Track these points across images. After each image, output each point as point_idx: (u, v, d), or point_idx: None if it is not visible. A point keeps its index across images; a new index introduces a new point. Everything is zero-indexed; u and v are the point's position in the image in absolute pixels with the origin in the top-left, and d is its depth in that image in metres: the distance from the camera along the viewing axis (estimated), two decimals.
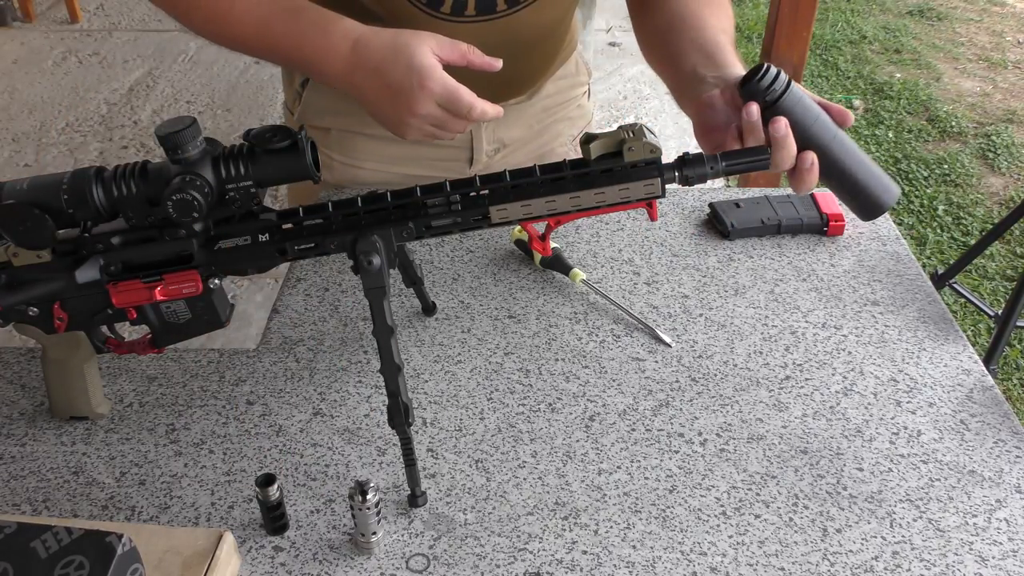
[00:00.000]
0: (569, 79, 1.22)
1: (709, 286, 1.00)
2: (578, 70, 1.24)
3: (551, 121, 1.22)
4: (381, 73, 0.83)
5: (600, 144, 0.70)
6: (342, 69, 0.85)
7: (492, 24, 0.99)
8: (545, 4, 1.01)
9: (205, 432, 0.83)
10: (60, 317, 0.75)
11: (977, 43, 4.16)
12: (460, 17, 0.98)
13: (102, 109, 3.38)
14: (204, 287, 0.73)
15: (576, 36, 1.22)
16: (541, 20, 1.04)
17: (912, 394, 0.86)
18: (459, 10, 0.97)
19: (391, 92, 0.84)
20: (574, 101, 1.24)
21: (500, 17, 0.99)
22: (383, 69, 0.83)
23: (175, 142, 0.65)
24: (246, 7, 0.87)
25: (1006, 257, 2.79)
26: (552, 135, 1.23)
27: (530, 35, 1.06)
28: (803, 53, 2.31)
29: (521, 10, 0.99)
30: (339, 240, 0.72)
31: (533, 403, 0.85)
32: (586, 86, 1.27)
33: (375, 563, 0.71)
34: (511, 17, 0.99)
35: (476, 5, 0.97)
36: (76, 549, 0.58)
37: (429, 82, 0.82)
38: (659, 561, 0.71)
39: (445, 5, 0.96)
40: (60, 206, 0.67)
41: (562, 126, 1.24)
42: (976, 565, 0.70)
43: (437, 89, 0.82)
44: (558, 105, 1.21)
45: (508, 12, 0.99)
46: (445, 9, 0.96)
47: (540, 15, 1.02)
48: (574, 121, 1.25)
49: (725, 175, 0.72)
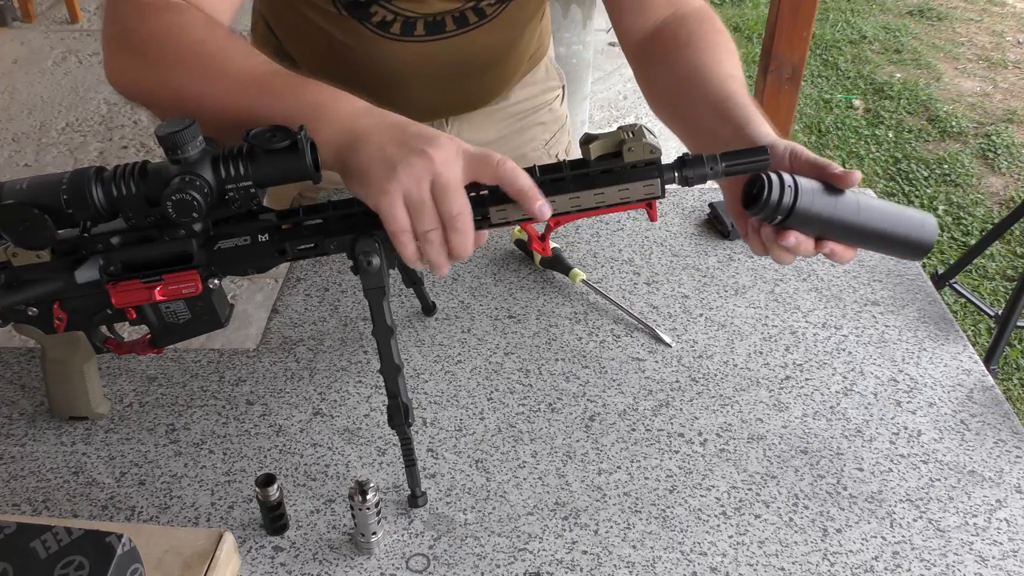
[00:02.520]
0: (539, 85, 1.22)
1: (709, 286, 1.00)
2: (548, 75, 1.24)
3: (522, 126, 1.22)
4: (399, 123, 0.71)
5: (600, 144, 0.69)
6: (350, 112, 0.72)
7: (442, 44, 1.00)
8: (497, 25, 1.01)
9: (205, 432, 0.83)
10: (59, 317, 0.75)
11: (977, 43, 4.16)
12: (410, 38, 0.98)
13: (102, 109, 3.38)
14: (204, 287, 0.73)
15: (547, 42, 1.22)
16: (493, 40, 1.04)
17: (912, 394, 0.86)
18: (408, 31, 0.97)
19: (406, 135, 0.69)
20: (545, 106, 1.24)
21: (450, 37, 0.99)
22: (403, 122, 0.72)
23: (175, 142, 0.65)
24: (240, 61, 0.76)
25: (1006, 257, 2.79)
26: (525, 139, 1.23)
27: (483, 54, 1.06)
28: (803, 53, 2.31)
29: (471, 31, 0.99)
30: (339, 240, 0.72)
31: (533, 403, 0.85)
32: (558, 91, 1.27)
33: (375, 563, 0.71)
34: (462, 37, 1.00)
35: (425, 27, 0.97)
36: (76, 549, 0.57)
37: (456, 139, 0.70)
38: (659, 561, 0.71)
39: (395, 26, 0.97)
40: (59, 206, 0.67)
41: (535, 131, 1.24)
42: (976, 565, 0.70)
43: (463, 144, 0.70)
44: (529, 110, 1.21)
45: (458, 32, 0.99)
46: (395, 30, 0.97)
47: (492, 35, 1.02)
48: (547, 126, 1.25)
49: (725, 176, 0.71)
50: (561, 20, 2.40)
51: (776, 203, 0.69)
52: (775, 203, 0.69)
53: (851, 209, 0.71)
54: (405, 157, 0.67)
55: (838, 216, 0.71)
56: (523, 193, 0.68)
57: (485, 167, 0.68)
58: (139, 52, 0.77)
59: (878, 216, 0.72)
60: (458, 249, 0.69)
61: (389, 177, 0.67)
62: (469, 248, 0.69)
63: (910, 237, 0.73)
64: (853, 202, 0.72)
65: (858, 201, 0.72)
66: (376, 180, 0.67)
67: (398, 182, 0.67)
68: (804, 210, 0.70)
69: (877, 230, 0.72)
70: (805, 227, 0.71)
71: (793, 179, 0.70)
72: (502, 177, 0.68)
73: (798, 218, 0.70)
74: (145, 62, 0.77)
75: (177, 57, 0.75)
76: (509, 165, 0.68)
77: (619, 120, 3.36)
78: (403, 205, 0.67)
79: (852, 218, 0.71)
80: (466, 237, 0.68)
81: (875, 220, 0.72)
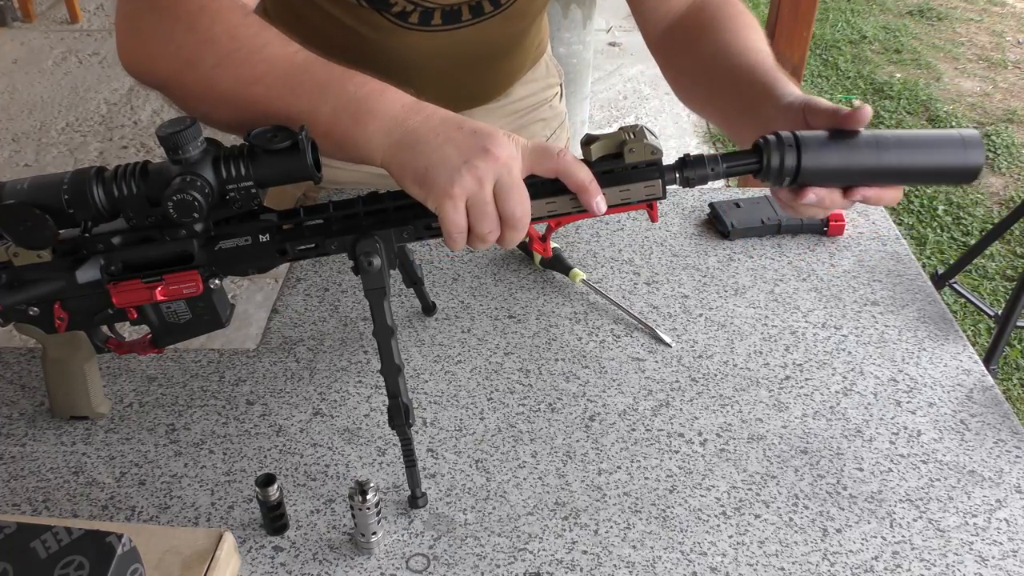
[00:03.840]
0: (540, 82, 1.22)
1: (709, 286, 1.00)
2: (548, 72, 1.24)
3: (524, 123, 1.22)
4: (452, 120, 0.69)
5: (601, 145, 0.69)
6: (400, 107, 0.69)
7: (459, 33, 1.00)
8: (511, 14, 1.01)
9: (205, 432, 0.83)
10: (60, 317, 0.75)
11: (977, 43, 4.16)
12: (427, 27, 0.98)
13: (102, 109, 3.38)
14: (204, 287, 0.73)
15: (546, 39, 1.23)
16: (508, 29, 1.05)
17: (912, 394, 0.86)
18: (426, 20, 0.97)
19: (463, 133, 0.67)
20: (546, 103, 1.25)
21: (466, 26, 0.99)
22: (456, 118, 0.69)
23: (176, 142, 0.65)
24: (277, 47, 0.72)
25: (1006, 257, 2.79)
26: (526, 136, 1.23)
27: (498, 43, 1.06)
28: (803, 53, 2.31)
29: (487, 20, 1.00)
30: (340, 241, 0.72)
31: (533, 403, 0.85)
32: (557, 88, 1.27)
33: (375, 563, 0.71)
34: (478, 26, 1.00)
35: (442, 15, 0.97)
36: (76, 549, 0.57)
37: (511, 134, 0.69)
38: (659, 561, 0.71)
39: (413, 16, 0.97)
40: (60, 206, 0.67)
41: (536, 127, 1.24)
42: (976, 565, 0.70)
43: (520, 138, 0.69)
44: (530, 107, 1.22)
45: (474, 21, 0.99)
46: (413, 19, 0.97)
47: (507, 24, 1.03)
48: (548, 122, 1.26)
49: (726, 177, 0.71)
50: (561, 20, 2.40)
51: (779, 166, 0.67)
52: (777, 166, 0.67)
53: (871, 150, 0.67)
54: (469, 159, 0.65)
55: (857, 162, 0.67)
56: (583, 187, 0.67)
57: (546, 160, 0.67)
58: (163, 29, 0.72)
59: (907, 151, 0.68)
60: (510, 243, 0.69)
61: (452, 180, 0.65)
62: (519, 240, 0.69)
63: (950, 163, 0.68)
64: (872, 142, 0.67)
65: (877, 140, 0.67)
66: (439, 183, 0.66)
67: (462, 186, 0.65)
68: (814, 165, 0.67)
69: (907, 166, 0.67)
70: (824, 181, 0.68)
71: (795, 136, 0.67)
72: (563, 170, 0.67)
73: (810, 174, 0.67)
74: (171, 40, 0.71)
75: (209, 37, 0.70)
76: (569, 158, 0.68)
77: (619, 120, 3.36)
78: (464, 208, 0.66)
79: (874, 160, 0.67)
80: (522, 234, 0.68)
81: (903, 156, 0.67)
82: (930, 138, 0.68)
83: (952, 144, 0.68)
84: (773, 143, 0.68)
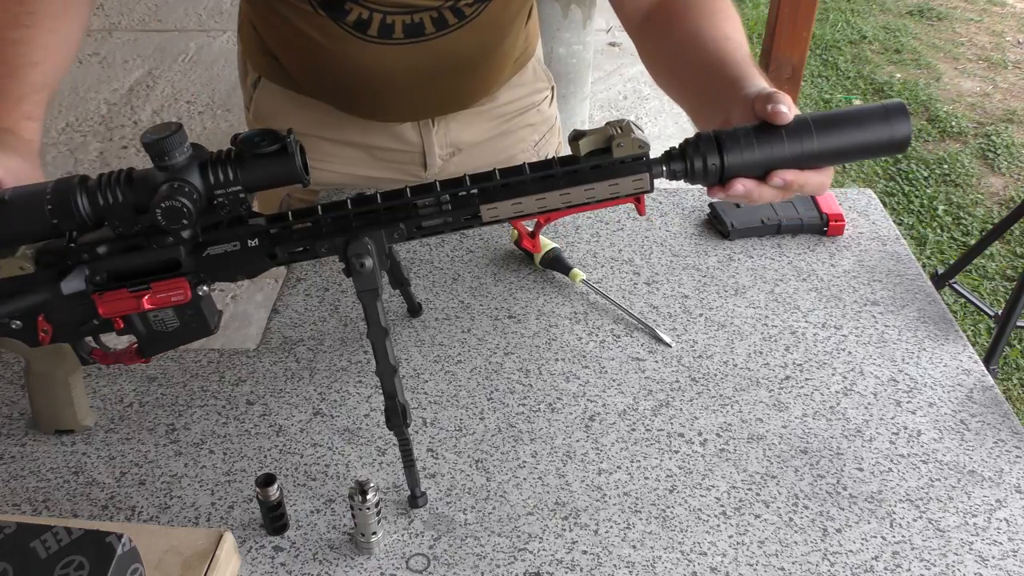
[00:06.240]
0: (527, 86, 1.21)
1: (709, 286, 1.00)
2: (536, 77, 1.23)
3: (509, 127, 1.21)
4: None
5: (589, 140, 0.69)
6: None
7: (422, 47, 0.98)
8: (478, 26, 0.99)
9: (205, 432, 0.83)
10: (45, 329, 0.73)
11: (977, 43, 4.16)
12: (388, 40, 0.97)
13: (102, 109, 3.38)
14: (192, 295, 0.71)
15: (534, 44, 1.21)
16: (475, 41, 1.03)
17: (912, 394, 0.86)
18: (386, 33, 0.96)
19: None
20: (533, 107, 1.23)
21: (430, 39, 0.98)
22: None
23: (161, 148, 0.64)
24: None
25: (1006, 257, 2.79)
26: (513, 140, 1.22)
27: (465, 56, 1.05)
28: (803, 53, 2.31)
29: (451, 32, 0.98)
30: (330, 243, 0.71)
31: (533, 403, 0.85)
32: (547, 92, 1.26)
33: (375, 563, 0.71)
34: (442, 39, 0.98)
35: (403, 29, 0.96)
36: (76, 549, 0.57)
37: None
38: (659, 561, 0.71)
39: (371, 28, 0.95)
40: (44, 218, 0.66)
41: (523, 132, 1.23)
42: (976, 565, 0.70)
43: None
44: (516, 112, 1.21)
45: (437, 34, 0.97)
46: (372, 32, 0.96)
47: (477, 35, 1.01)
48: (536, 127, 1.25)
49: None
50: (561, 20, 2.40)
51: (702, 169, 0.69)
52: (701, 170, 0.69)
53: (794, 139, 0.68)
54: None
55: (779, 153, 0.69)
56: None
57: None
58: None
59: (833, 132, 0.69)
60: None
61: None
62: None
63: (877, 139, 0.69)
64: (795, 129, 0.68)
65: (800, 126, 0.68)
66: None
67: None
68: (737, 163, 0.69)
69: (834, 148, 0.69)
70: (750, 173, 0.69)
71: (716, 137, 0.69)
72: None
73: (735, 170, 0.69)
74: None
75: None
76: None
77: None
78: None
79: (798, 149, 0.69)
80: None
81: (830, 139, 0.69)
82: (854, 115, 0.69)
83: (877, 118, 0.69)
84: (690, 152, 0.69)
